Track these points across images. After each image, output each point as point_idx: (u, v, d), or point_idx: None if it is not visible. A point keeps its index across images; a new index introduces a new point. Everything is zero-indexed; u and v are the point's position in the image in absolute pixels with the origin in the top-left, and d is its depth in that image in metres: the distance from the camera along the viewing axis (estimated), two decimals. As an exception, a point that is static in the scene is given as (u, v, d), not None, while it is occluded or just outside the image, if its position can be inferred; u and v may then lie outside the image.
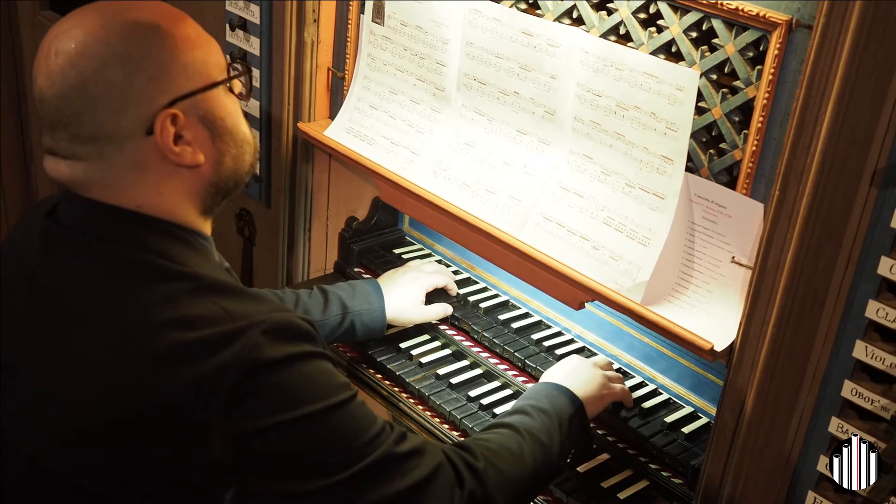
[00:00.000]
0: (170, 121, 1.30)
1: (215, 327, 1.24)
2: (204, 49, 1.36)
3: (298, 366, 1.27)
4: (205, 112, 1.35)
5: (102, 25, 1.29)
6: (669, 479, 1.74)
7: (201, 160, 1.35)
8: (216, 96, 1.36)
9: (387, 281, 2.07)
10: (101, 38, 1.28)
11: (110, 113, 1.28)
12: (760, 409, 1.43)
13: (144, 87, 1.29)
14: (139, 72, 1.28)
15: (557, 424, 1.62)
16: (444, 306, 2.10)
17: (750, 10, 1.42)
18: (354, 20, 2.08)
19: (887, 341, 1.29)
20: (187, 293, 1.28)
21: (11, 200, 3.82)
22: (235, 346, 1.22)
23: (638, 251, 1.62)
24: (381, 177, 2.00)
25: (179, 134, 1.32)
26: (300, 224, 2.29)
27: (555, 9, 1.72)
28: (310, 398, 1.27)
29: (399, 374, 1.99)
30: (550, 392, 1.68)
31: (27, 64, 3.52)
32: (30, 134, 3.67)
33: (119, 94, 1.28)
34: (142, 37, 1.29)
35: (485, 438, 1.53)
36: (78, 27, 1.29)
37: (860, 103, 1.23)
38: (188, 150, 1.34)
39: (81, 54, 1.27)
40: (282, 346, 1.25)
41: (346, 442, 1.30)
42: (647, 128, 1.59)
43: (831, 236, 1.29)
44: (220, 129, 1.37)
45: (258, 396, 1.24)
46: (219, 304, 1.27)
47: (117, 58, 1.27)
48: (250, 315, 1.26)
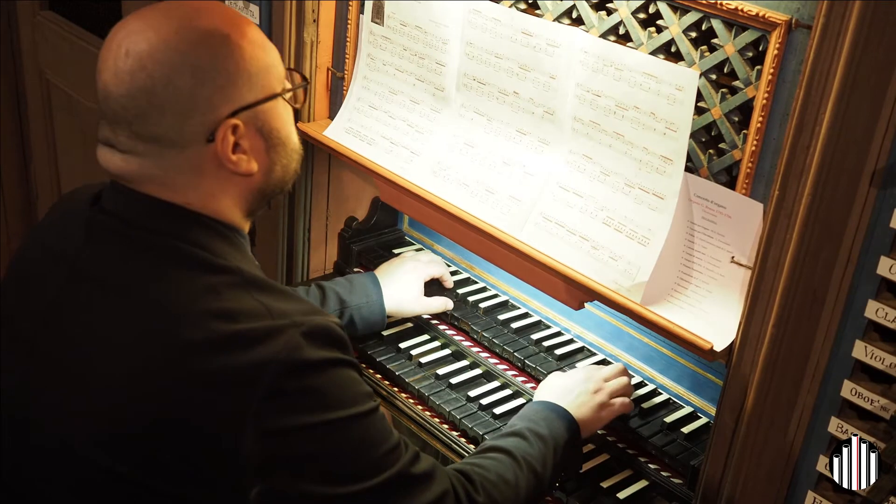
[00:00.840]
0: (231, 130, 1.33)
1: (256, 322, 1.27)
2: (268, 60, 1.38)
3: (332, 371, 1.30)
4: (263, 122, 1.37)
5: (176, 31, 1.30)
6: (669, 479, 1.74)
7: (255, 169, 1.38)
8: (274, 107, 1.39)
9: (384, 273, 2.07)
10: (174, 44, 1.29)
11: (175, 118, 1.30)
12: (760, 409, 1.43)
13: (211, 97, 1.31)
14: (207, 81, 1.30)
15: (552, 451, 1.64)
16: (445, 300, 2.10)
17: (749, 10, 1.42)
18: (354, 20, 2.08)
19: (887, 341, 1.29)
20: (229, 286, 1.31)
21: (11, 200, 3.82)
22: (276, 344, 1.25)
23: (637, 251, 1.62)
24: (381, 177, 2.00)
25: (238, 143, 1.35)
26: (300, 224, 2.29)
27: (554, 9, 1.72)
28: (339, 404, 1.30)
29: (398, 374, 1.99)
30: (549, 415, 1.69)
31: (26, 64, 3.52)
32: (29, 134, 3.67)
33: (186, 101, 1.30)
34: (213, 46, 1.31)
35: (483, 467, 1.54)
36: (151, 30, 1.30)
37: (859, 103, 1.23)
38: (244, 159, 1.36)
39: (153, 58, 1.29)
40: (319, 350, 1.28)
41: (367, 452, 1.33)
42: (647, 128, 1.59)
43: (831, 236, 1.29)
44: (276, 140, 1.40)
45: (292, 396, 1.26)
46: (259, 300, 1.30)
47: (188, 66, 1.29)
48: (290, 314, 1.29)
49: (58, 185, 3.62)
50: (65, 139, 3.48)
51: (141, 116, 1.30)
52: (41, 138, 3.60)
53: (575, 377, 1.80)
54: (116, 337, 1.30)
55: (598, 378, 1.80)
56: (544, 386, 1.81)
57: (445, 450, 1.87)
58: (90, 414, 1.29)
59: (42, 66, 3.44)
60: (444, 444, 1.87)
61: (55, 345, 1.35)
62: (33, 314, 1.38)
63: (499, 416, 1.87)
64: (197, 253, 1.33)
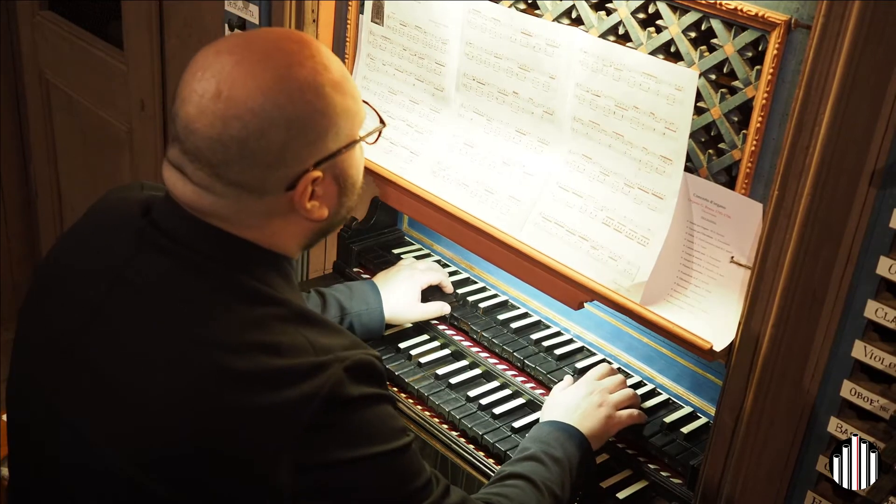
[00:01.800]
0: (311, 181, 1.31)
1: (301, 357, 1.26)
2: (352, 108, 1.35)
3: (372, 407, 1.31)
4: (340, 171, 1.36)
5: (275, 81, 1.26)
6: (668, 479, 1.74)
7: (325, 215, 1.36)
8: (353, 153, 1.37)
9: (382, 281, 2.08)
10: (272, 97, 1.25)
11: (262, 170, 1.28)
12: (759, 409, 1.43)
13: (300, 150, 1.29)
14: (299, 136, 1.28)
15: (568, 472, 1.64)
16: (441, 304, 2.10)
17: (749, 10, 1.42)
18: (353, 20, 2.08)
19: (886, 341, 1.30)
20: (277, 319, 1.30)
21: (10, 200, 3.82)
22: (319, 380, 1.25)
23: (637, 251, 1.62)
24: (381, 177, 2.00)
25: (314, 190, 1.33)
26: (299, 224, 2.29)
27: (554, 9, 1.72)
28: (377, 439, 1.31)
29: (398, 374, 1.98)
30: (560, 436, 1.69)
31: (26, 64, 3.53)
32: (28, 134, 3.67)
33: (276, 154, 1.27)
34: (307, 100, 1.28)
35: (507, 496, 1.54)
36: (249, 76, 1.26)
37: (859, 103, 1.23)
38: (317, 206, 1.35)
39: (250, 110, 1.25)
40: (360, 386, 1.29)
41: (401, 486, 1.34)
42: (646, 128, 1.59)
43: (830, 236, 1.29)
44: (348, 186, 1.39)
45: (332, 431, 1.27)
46: (304, 335, 1.29)
47: (283, 120, 1.26)
48: (333, 349, 1.29)
49: (57, 186, 3.62)
50: (64, 139, 3.48)
51: (228, 163, 1.27)
52: (41, 138, 3.60)
53: (577, 392, 1.80)
54: (159, 355, 1.28)
55: (601, 390, 1.80)
56: (549, 404, 1.81)
57: (445, 450, 1.87)
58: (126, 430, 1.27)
59: (42, 67, 3.44)
60: (443, 444, 1.87)
61: (98, 354, 1.32)
62: (73, 322, 1.35)
63: (498, 417, 1.87)
64: (249, 283, 1.32)
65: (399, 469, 1.34)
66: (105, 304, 1.33)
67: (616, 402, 1.78)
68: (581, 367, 1.95)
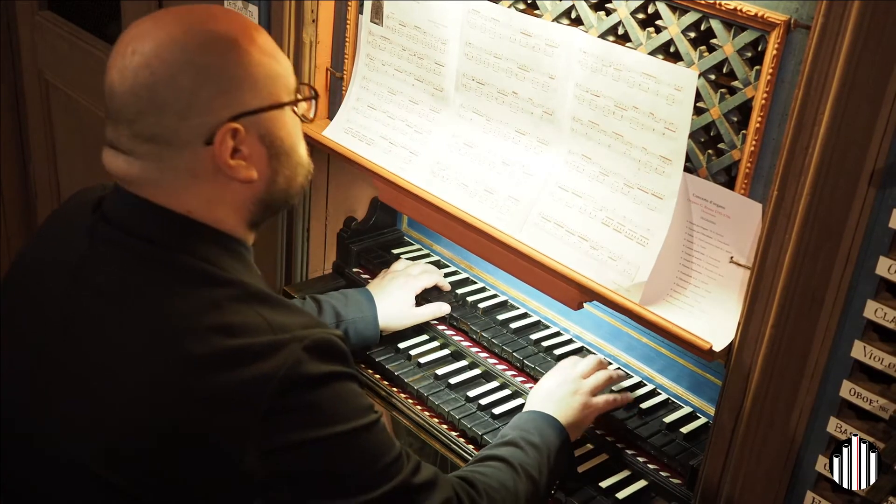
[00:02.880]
0: (230, 135, 1.32)
1: (257, 337, 1.26)
2: (276, 69, 1.37)
3: (334, 385, 1.30)
4: (266, 131, 1.36)
5: (184, 31, 1.30)
6: (668, 479, 1.74)
7: (254, 176, 1.37)
8: (279, 116, 1.38)
9: (376, 289, 2.08)
10: (181, 43, 1.29)
11: (174, 118, 1.29)
12: (759, 409, 1.43)
13: (211, 99, 1.30)
14: (209, 84, 1.30)
15: (546, 458, 1.66)
16: (437, 305, 2.10)
17: (748, 10, 1.42)
18: (353, 20, 2.08)
19: (886, 341, 1.29)
20: (231, 300, 1.30)
21: (10, 200, 3.82)
22: (277, 359, 1.25)
23: (636, 251, 1.62)
24: (380, 177, 2.00)
25: (237, 148, 1.33)
26: (298, 224, 2.29)
27: (553, 9, 1.72)
28: (341, 418, 1.30)
29: (398, 375, 1.99)
30: (540, 424, 1.71)
31: (25, 64, 3.52)
32: (28, 134, 3.67)
33: (186, 101, 1.29)
34: (218, 50, 1.31)
35: (484, 474, 1.56)
36: (160, 29, 1.31)
37: (858, 103, 1.23)
38: (243, 165, 1.35)
39: (158, 56, 1.28)
40: (320, 364, 1.28)
41: (369, 464, 1.33)
42: (646, 128, 1.59)
43: (830, 236, 1.29)
44: (278, 149, 1.39)
45: (295, 412, 1.26)
46: (261, 314, 1.29)
47: (191, 66, 1.29)
48: (291, 328, 1.28)
49: (57, 186, 3.62)
50: (64, 139, 3.47)
51: (141, 115, 1.30)
52: (40, 139, 3.59)
53: (552, 380, 1.82)
54: (120, 349, 1.29)
55: (575, 377, 1.81)
56: (531, 394, 1.83)
57: (444, 450, 1.87)
58: (95, 426, 1.28)
59: (41, 67, 3.44)
60: (443, 444, 1.87)
61: (60, 356, 1.34)
62: (38, 321, 1.37)
63: (498, 417, 1.87)
64: (199, 265, 1.32)
65: (367, 447, 1.33)
66: (65, 306, 1.35)
67: (590, 388, 1.80)
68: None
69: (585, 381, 1.82)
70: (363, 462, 1.33)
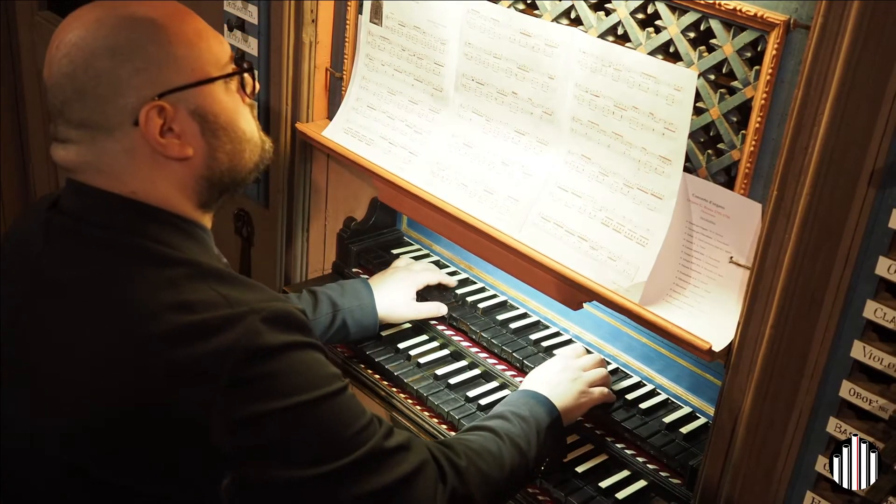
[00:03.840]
0: (156, 112, 1.33)
1: (214, 311, 1.26)
2: (200, 45, 1.37)
3: (295, 354, 1.30)
4: (196, 106, 1.36)
5: (98, 18, 1.33)
6: (668, 480, 1.74)
7: (189, 153, 1.37)
8: (210, 92, 1.38)
9: (376, 281, 2.09)
10: (94, 30, 1.32)
11: (97, 102, 1.32)
12: (758, 409, 1.43)
13: (130, 79, 1.31)
14: (126, 63, 1.31)
15: (535, 432, 1.66)
16: (437, 305, 2.10)
17: (748, 10, 1.42)
18: (352, 20, 2.08)
19: (885, 341, 1.29)
20: (186, 278, 1.31)
21: (9, 201, 3.81)
22: (235, 331, 1.25)
23: (636, 251, 1.62)
24: (380, 177, 2.00)
25: (170, 127, 1.34)
26: (298, 224, 2.29)
27: (553, 9, 1.72)
28: (305, 386, 1.30)
29: (397, 375, 1.98)
30: (529, 401, 1.71)
31: (25, 65, 3.52)
32: (28, 134, 3.67)
33: (106, 84, 1.31)
34: (133, 30, 1.32)
35: (467, 439, 1.57)
36: (78, 20, 1.34)
37: (858, 103, 1.23)
38: (175, 143, 1.36)
39: (76, 45, 1.31)
40: (279, 335, 1.28)
41: (338, 432, 1.32)
42: (646, 128, 1.59)
43: (829, 236, 1.29)
44: (213, 125, 1.38)
45: (257, 383, 1.26)
46: (217, 291, 1.29)
47: (105, 49, 1.31)
48: (248, 302, 1.28)
49: (56, 186, 3.62)
50: (63, 140, 3.47)
51: (67, 103, 1.32)
52: (40, 140, 3.59)
53: (552, 367, 1.83)
54: (79, 336, 1.30)
55: (575, 367, 1.83)
56: (526, 379, 1.84)
57: (444, 450, 1.87)
58: (57, 414, 1.29)
59: (41, 67, 3.43)
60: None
61: (21, 348, 1.35)
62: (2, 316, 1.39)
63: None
64: (153, 247, 1.33)
65: (334, 415, 1.33)
66: (25, 300, 1.37)
67: (590, 379, 1.82)
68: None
69: (587, 372, 1.83)
70: (332, 430, 1.32)
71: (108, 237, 1.34)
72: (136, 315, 1.27)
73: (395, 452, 1.38)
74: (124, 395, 1.25)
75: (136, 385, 1.25)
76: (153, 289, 1.28)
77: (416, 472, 1.39)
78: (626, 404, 1.88)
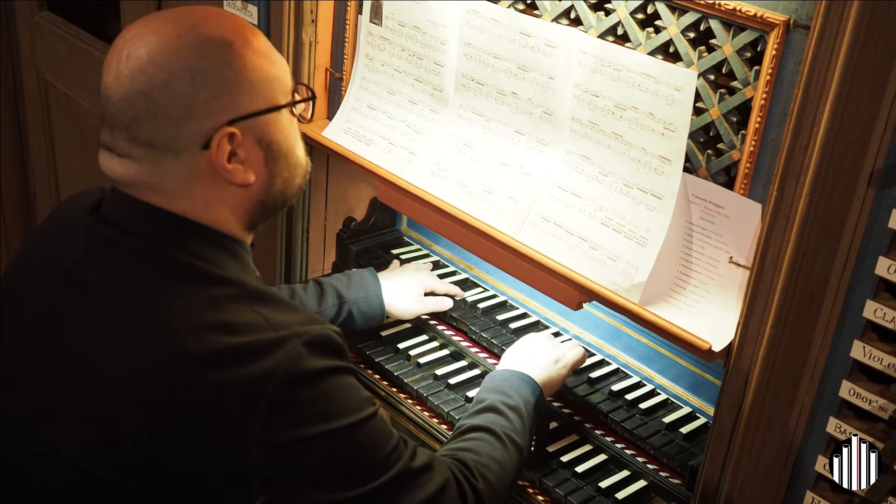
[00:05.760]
0: (227, 139, 1.32)
1: (257, 334, 1.26)
2: (273, 71, 1.37)
3: (333, 379, 1.31)
4: (263, 134, 1.36)
5: (178, 35, 1.30)
6: (667, 480, 1.74)
7: (251, 180, 1.37)
8: (276, 119, 1.38)
9: (385, 273, 2.10)
10: (174, 49, 1.29)
11: (171, 123, 1.29)
12: (758, 409, 1.43)
13: (208, 103, 1.30)
14: (205, 87, 1.29)
15: (526, 416, 1.69)
16: (442, 299, 2.10)
17: (748, 10, 1.42)
18: (352, 21, 2.08)
19: (885, 341, 1.29)
20: (229, 299, 1.30)
21: (9, 201, 3.82)
22: (277, 356, 1.25)
23: (636, 251, 1.62)
24: (379, 177, 2.00)
25: (234, 151, 1.34)
26: (298, 224, 2.29)
27: (552, 9, 1.72)
28: (342, 411, 1.31)
29: (397, 375, 1.99)
30: (515, 383, 1.74)
31: (25, 65, 3.52)
32: (27, 134, 3.67)
33: (182, 106, 1.29)
34: (213, 53, 1.30)
35: (473, 451, 1.57)
36: (153, 34, 1.31)
37: (858, 104, 1.23)
38: (240, 169, 1.35)
39: (153, 62, 1.29)
40: (319, 359, 1.29)
41: (371, 455, 1.35)
42: (645, 128, 1.59)
43: (829, 237, 1.29)
44: (276, 152, 1.39)
45: (296, 407, 1.27)
46: (259, 313, 1.30)
47: (186, 71, 1.29)
48: (290, 325, 1.29)
49: (56, 186, 3.62)
50: (63, 139, 3.47)
51: (137, 120, 1.30)
52: (39, 139, 3.59)
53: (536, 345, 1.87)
54: (116, 348, 1.29)
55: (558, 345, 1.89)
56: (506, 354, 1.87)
57: (444, 450, 1.87)
58: (90, 425, 1.28)
59: (40, 67, 3.44)
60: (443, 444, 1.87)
61: (55, 354, 1.34)
62: (33, 321, 1.37)
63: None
64: (196, 264, 1.33)
65: (368, 438, 1.35)
66: (60, 306, 1.35)
67: (572, 359, 1.88)
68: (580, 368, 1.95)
69: (569, 352, 1.89)
70: (365, 453, 1.34)
71: (153, 251, 1.33)
72: (178, 333, 1.26)
73: (422, 472, 1.40)
74: (161, 410, 1.24)
75: (174, 401, 1.24)
76: (195, 307, 1.28)
77: (440, 491, 1.42)
78: (626, 404, 1.88)
